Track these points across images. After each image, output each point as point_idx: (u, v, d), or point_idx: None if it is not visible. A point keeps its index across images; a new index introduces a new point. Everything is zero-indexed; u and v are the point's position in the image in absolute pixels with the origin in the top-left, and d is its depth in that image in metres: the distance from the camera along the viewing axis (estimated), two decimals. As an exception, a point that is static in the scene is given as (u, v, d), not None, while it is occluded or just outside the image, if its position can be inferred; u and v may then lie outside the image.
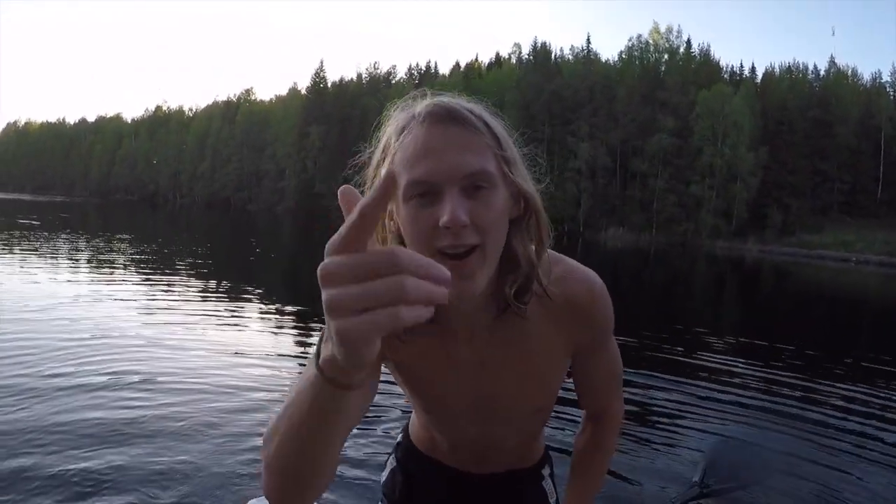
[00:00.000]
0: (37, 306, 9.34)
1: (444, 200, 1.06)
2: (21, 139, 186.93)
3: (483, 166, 1.08)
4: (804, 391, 7.43)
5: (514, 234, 1.18)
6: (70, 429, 4.62)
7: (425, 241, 1.08)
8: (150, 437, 4.63)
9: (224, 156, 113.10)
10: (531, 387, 1.35)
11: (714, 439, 5.22)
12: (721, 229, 66.53)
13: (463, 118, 1.10)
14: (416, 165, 1.07)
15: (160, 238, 28.32)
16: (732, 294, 23.64)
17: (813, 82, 78.84)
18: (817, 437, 5.71)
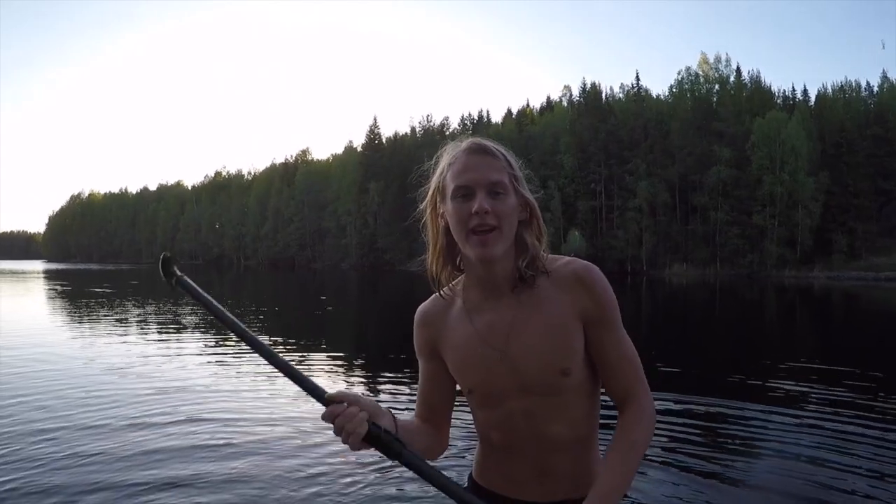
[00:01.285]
0: (135, 363, 10.89)
1: (476, 198, 1.61)
2: (86, 210, 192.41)
3: (500, 179, 1.64)
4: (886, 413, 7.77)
5: (523, 230, 1.71)
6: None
7: (463, 224, 1.63)
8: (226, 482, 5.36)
9: (285, 216, 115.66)
10: (553, 343, 1.67)
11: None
12: (787, 258, 65.78)
13: (489, 150, 1.67)
14: (460, 177, 1.64)
15: (229, 300, 29.22)
16: (804, 322, 23.63)
17: (867, 99, 77.87)
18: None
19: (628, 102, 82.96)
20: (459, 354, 1.78)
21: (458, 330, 1.78)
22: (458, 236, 1.67)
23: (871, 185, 67.97)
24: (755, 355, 13.59)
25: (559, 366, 1.67)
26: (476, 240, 1.62)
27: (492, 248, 1.63)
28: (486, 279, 1.73)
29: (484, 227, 1.61)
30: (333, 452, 6.17)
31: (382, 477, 5.55)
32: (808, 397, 8.85)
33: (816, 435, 6.93)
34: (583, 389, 1.74)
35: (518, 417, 1.74)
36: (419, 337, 1.87)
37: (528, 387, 1.70)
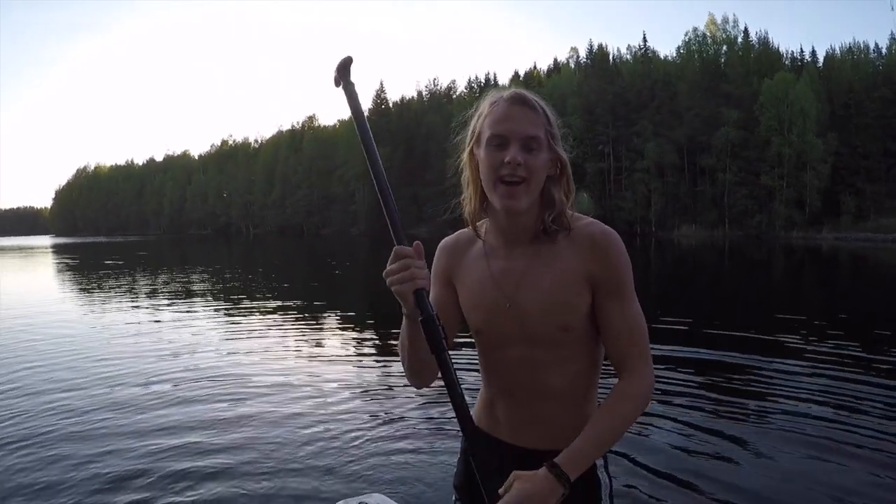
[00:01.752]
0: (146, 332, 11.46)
1: (509, 148, 1.65)
2: (92, 183, 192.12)
3: (536, 133, 1.67)
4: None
5: (552, 185, 1.74)
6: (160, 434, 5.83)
7: (494, 171, 1.67)
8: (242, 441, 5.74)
9: (293, 183, 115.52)
10: (556, 299, 1.73)
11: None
12: (795, 219, 65.63)
13: (530, 103, 1.68)
14: (498, 125, 1.67)
15: (244, 268, 29.89)
16: (811, 282, 23.91)
17: (876, 61, 76.83)
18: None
19: (636, 64, 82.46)
20: (472, 292, 1.87)
21: (474, 268, 1.87)
22: (487, 183, 1.72)
23: (880, 146, 67.65)
24: (762, 313, 13.89)
25: (560, 321, 1.74)
26: (504, 190, 1.68)
27: (517, 201, 1.68)
28: (508, 228, 1.79)
29: (513, 178, 1.66)
30: (343, 413, 6.60)
31: (387, 439, 5.86)
32: (814, 353, 9.13)
33: (822, 390, 7.19)
34: (583, 345, 1.80)
35: (517, 363, 1.82)
36: (438, 262, 1.95)
37: (530, 336, 1.78)
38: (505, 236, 1.81)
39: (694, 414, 6.38)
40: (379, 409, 6.74)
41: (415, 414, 6.56)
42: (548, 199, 1.74)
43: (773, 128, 66.55)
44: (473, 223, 1.85)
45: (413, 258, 1.58)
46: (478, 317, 1.86)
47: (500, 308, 1.79)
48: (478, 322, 1.86)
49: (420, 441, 5.73)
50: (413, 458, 5.37)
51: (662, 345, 9.26)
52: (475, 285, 1.85)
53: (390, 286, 1.59)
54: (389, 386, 7.68)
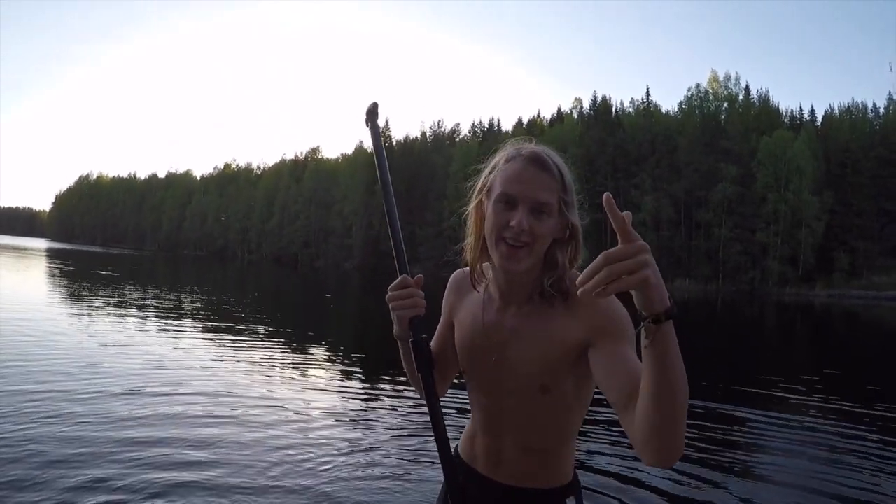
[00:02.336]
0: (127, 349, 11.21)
1: (517, 210, 1.64)
2: (93, 192, 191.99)
3: (548, 200, 1.64)
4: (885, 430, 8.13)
5: (557, 248, 1.72)
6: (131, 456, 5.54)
7: (498, 230, 1.66)
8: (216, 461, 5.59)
9: (292, 213, 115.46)
10: (541, 361, 1.73)
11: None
12: (788, 276, 66.34)
13: (548, 167, 1.65)
14: (509, 184, 1.65)
15: (237, 292, 29.81)
16: (804, 339, 24.09)
17: (873, 121, 78.22)
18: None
19: (637, 117, 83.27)
20: (463, 335, 1.92)
21: (470, 312, 1.91)
22: (490, 239, 1.71)
23: (874, 205, 68.66)
24: (752, 367, 14.11)
25: (540, 382, 1.75)
26: (505, 251, 1.67)
27: (517, 264, 1.68)
28: (505, 284, 1.81)
29: (515, 242, 1.65)
30: (323, 439, 6.57)
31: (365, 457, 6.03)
32: (805, 408, 9.40)
33: (813, 444, 7.44)
34: (562, 405, 1.79)
35: (496, 411, 1.87)
36: (446, 297, 2.04)
37: (510, 390, 1.81)
38: (502, 291, 1.83)
39: (681, 463, 6.24)
40: (360, 437, 6.75)
41: (395, 443, 6.60)
42: (550, 262, 1.74)
43: (770, 185, 67.41)
44: (474, 270, 1.87)
45: (415, 288, 1.80)
46: (464, 359, 1.94)
47: (486, 359, 1.84)
48: (463, 363, 1.95)
49: (400, 469, 5.79)
50: (393, 484, 5.40)
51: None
52: (467, 330, 1.91)
53: (392, 309, 1.81)
54: (372, 415, 7.73)
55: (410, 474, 5.68)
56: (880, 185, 69.02)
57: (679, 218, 74.13)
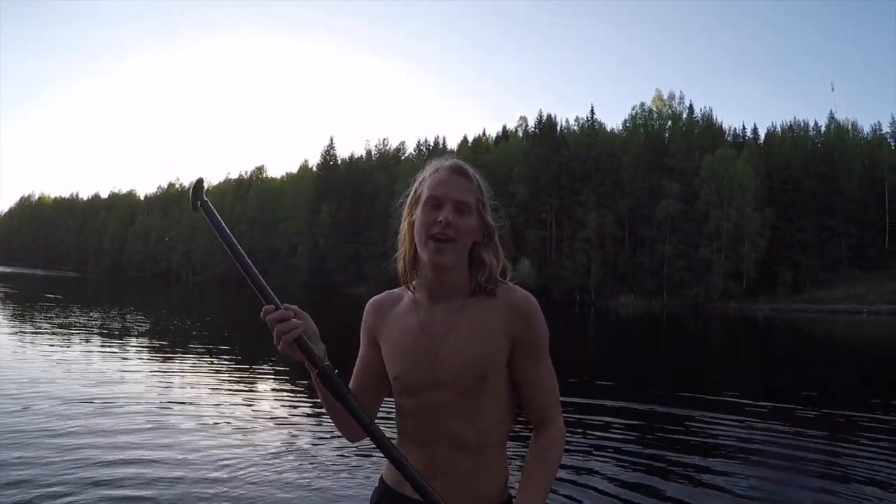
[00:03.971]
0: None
1: (443, 209, 1.80)
2: (35, 213, 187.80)
3: (467, 199, 1.83)
4: (829, 444, 8.07)
5: (481, 249, 1.89)
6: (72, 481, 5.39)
7: (427, 228, 1.79)
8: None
9: (236, 233, 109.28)
10: (478, 348, 1.83)
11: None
12: (732, 291, 67.15)
13: (467, 173, 1.86)
14: (435, 188, 1.83)
15: (181, 315, 29.34)
16: (749, 353, 24.34)
17: (815, 139, 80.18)
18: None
19: (582, 135, 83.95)
20: (395, 341, 1.93)
21: (400, 320, 1.94)
22: (419, 239, 1.83)
23: (816, 220, 69.97)
24: (696, 379, 14.32)
25: (479, 370, 1.83)
26: (434, 246, 1.79)
27: (445, 256, 1.80)
28: (435, 284, 1.88)
29: (443, 236, 1.78)
30: (255, 449, 6.70)
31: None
32: (748, 417, 9.47)
33: (753, 450, 7.48)
34: (496, 397, 1.87)
35: (431, 410, 1.87)
36: (365, 322, 2.01)
37: (447, 382, 1.84)
38: (432, 292, 1.90)
39: (625, 471, 6.57)
40: (294, 448, 6.88)
41: (329, 453, 6.71)
42: (478, 262, 1.88)
43: (713, 202, 68.38)
44: (405, 278, 1.95)
45: (276, 312, 1.70)
46: (398, 363, 1.91)
47: (423, 354, 1.86)
48: (397, 369, 1.91)
49: (330, 481, 5.82)
50: (323, 495, 5.46)
51: (593, 409, 9.56)
52: (399, 335, 1.92)
53: (275, 333, 1.70)
54: (312, 426, 7.83)
55: (350, 484, 5.78)
56: (821, 202, 70.36)
57: (623, 234, 74.89)
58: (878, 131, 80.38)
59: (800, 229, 70.34)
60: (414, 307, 1.93)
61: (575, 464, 6.52)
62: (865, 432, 8.69)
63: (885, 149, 75.56)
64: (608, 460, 6.96)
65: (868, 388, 14.37)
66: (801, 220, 70.44)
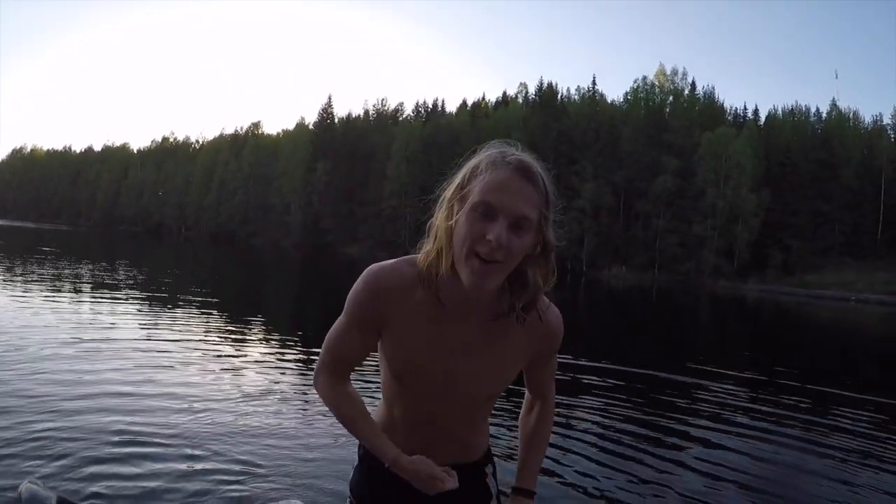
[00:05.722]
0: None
1: (496, 223, 1.49)
2: (27, 165, 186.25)
3: (529, 215, 1.51)
4: (805, 422, 8.16)
5: (529, 265, 1.61)
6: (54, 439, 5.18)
7: (471, 242, 1.51)
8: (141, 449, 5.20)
9: (230, 189, 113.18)
10: (494, 376, 1.75)
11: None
12: (723, 269, 66.97)
13: (535, 179, 1.54)
14: (492, 193, 1.50)
15: (177, 271, 29.19)
16: (735, 331, 24.35)
17: (815, 125, 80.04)
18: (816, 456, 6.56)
19: (583, 105, 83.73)
20: (408, 345, 1.72)
21: (417, 320, 1.70)
22: (459, 250, 1.55)
23: (811, 205, 69.73)
24: (683, 356, 14.13)
25: (491, 392, 1.81)
26: (477, 266, 1.52)
27: (487, 280, 1.54)
28: (466, 298, 1.66)
29: (489, 257, 1.51)
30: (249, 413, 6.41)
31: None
32: (729, 397, 9.42)
33: (734, 430, 7.42)
34: (490, 404, 1.88)
35: (428, 414, 1.79)
36: (366, 305, 1.71)
37: (454, 399, 1.76)
38: (460, 303, 1.67)
39: (606, 443, 6.56)
40: (284, 414, 6.59)
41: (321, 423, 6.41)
42: (521, 281, 1.63)
43: (710, 179, 68.24)
44: (430, 278, 1.65)
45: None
46: (407, 367, 1.75)
47: (439, 370, 1.71)
48: (403, 373, 1.76)
49: (318, 450, 5.57)
50: (311, 463, 5.22)
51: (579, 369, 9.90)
52: (414, 339, 1.70)
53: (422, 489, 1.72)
54: (289, 394, 7.46)
55: (335, 453, 5.52)
56: (818, 187, 70.20)
57: (618, 207, 74.90)
58: (879, 122, 79.90)
59: (794, 213, 70.20)
60: (435, 311, 1.69)
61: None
62: (842, 408, 9.02)
63: (884, 139, 75.12)
64: (590, 420, 7.26)
65: (848, 371, 14.73)
66: (796, 203, 70.27)
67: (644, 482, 5.53)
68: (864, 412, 8.95)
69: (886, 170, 69.84)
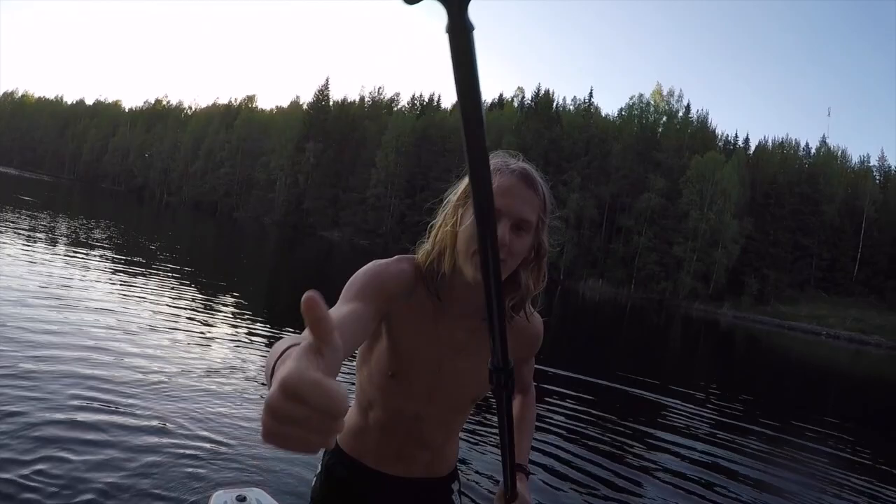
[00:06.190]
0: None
1: (500, 224, 1.57)
2: (15, 110, 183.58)
3: (530, 218, 1.63)
4: (767, 450, 8.34)
5: (523, 268, 1.71)
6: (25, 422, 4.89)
7: (474, 243, 1.58)
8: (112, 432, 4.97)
9: (217, 159, 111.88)
10: (479, 379, 1.71)
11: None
12: (699, 292, 67.20)
13: (535, 185, 1.66)
14: (497, 197, 1.41)
15: (155, 235, 29.07)
16: (705, 355, 24.71)
17: (803, 159, 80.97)
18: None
19: (577, 115, 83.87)
20: (411, 340, 1.77)
21: (418, 318, 1.77)
22: (464, 250, 1.64)
23: (791, 238, 70.52)
24: (651, 373, 14.30)
25: (476, 393, 1.86)
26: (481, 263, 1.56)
27: None
28: (464, 298, 1.75)
29: None
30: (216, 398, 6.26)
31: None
32: (693, 416, 9.64)
33: (697, 450, 7.64)
34: (469, 410, 1.93)
35: (408, 417, 1.84)
36: (379, 286, 1.70)
37: (441, 400, 1.82)
38: (459, 303, 1.76)
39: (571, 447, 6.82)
40: (250, 395, 6.54)
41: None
42: (513, 283, 1.71)
43: (695, 202, 68.39)
44: (431, 277, 1.75)
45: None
46: (401, 364, 1.78)
47: (431, 369, 1.78)
48: (401, 369, 1.79)
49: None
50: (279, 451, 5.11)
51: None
52: (414, 335, 1.76)
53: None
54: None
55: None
56: (799, 221, 70.97)
57: (601, 220, 75.11)
58: (866, 163, 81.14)
59: (774, 243, 70.90)
60: (433, 309, 1.77)
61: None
62: (806, 433, 9.58)
63: (869, 181, 75.96)
64: (557, 429, 7.46)
65: (813, 403, 15.12)
66: (777, 234, 71.04)
67: (608, 488, 5.77)
68: (828, 440, 9.34)
69: (868, 210, 70.60)
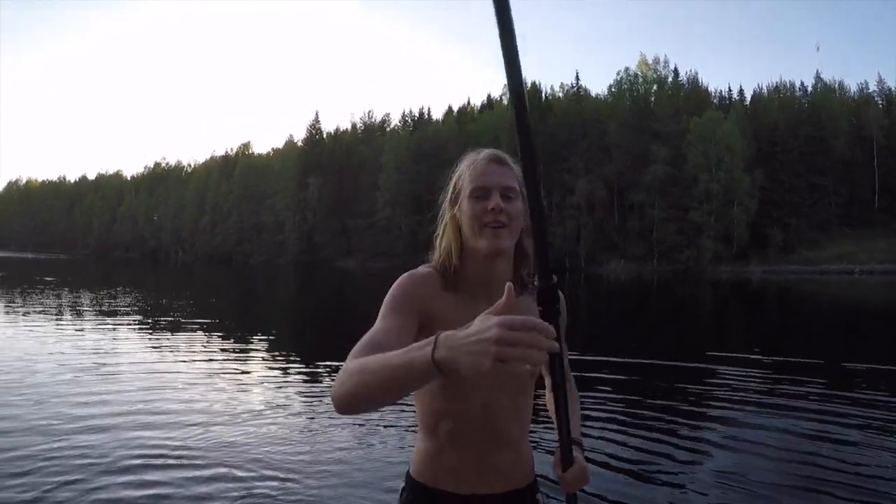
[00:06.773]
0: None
1: (491, 198, 1.75)
2: (23, 197, 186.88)
3: (513, 185, 1.78)
4: (821, 396, 8.19)
5: (524, 238, 1.84)
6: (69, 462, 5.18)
7: (478, 219, 1.75)
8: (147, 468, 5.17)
9: (224, 210, 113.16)
10: None
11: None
12: (723, 253, 66.89)
13: (505, 161, 1.82)
14: (479, 179, 1.78)
15: (175, 294, 29.11)
16: (738, 314, 24.34)
17: (801, 99, 79.94)
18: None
19: (567, 102, 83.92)
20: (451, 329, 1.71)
21: (454, 310, 1.80)
22: (472, 230, 1.79)
23: (804, 181, 70.03)
24: (687, 343, 14.29)
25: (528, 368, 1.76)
26: (490, 232, 1.75)
27: (502, 241, 1.76)
28: (486, 276, 1.82)
29: (496, 223, 1.75)
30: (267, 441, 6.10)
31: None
32: (744, 379, 9.32)
33: (751, 412, 7.43)
34: (532, 389, 1.91)
35: (478, 411, 1.83)
36: (408, 292, 1.80)
37: (502, 383, 1.81)
38: (484, 285, 1.83)
39: (631, 430, 6.62)
40: (312, 441, 6.28)
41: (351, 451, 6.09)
42: (522, 253, 1.85)
43: (701, 165, 68.01)
44: (447, 268, 1.85)
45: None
46: None
47: None
48: None
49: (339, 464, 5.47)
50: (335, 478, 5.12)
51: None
52: (455, 327, 1.58)
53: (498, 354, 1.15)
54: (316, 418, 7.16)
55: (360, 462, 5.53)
56: (809, 162, 70.43)
57: (612, 199, 74.73)
58: (865, 90, 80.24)
59: (789, 190, 70.41)
60: (466, 301, 1.83)
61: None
62: (857, 380, 9.15)
63: (872, 107, 75.12)
64: (611, 411, 7.35)
65: (859, 345, 14.73)
66: (789, 180, 70.55)
67: (675, 462, 5.64)
68: (881, 383, 8.96)
69: (877, 137, 69.93)
